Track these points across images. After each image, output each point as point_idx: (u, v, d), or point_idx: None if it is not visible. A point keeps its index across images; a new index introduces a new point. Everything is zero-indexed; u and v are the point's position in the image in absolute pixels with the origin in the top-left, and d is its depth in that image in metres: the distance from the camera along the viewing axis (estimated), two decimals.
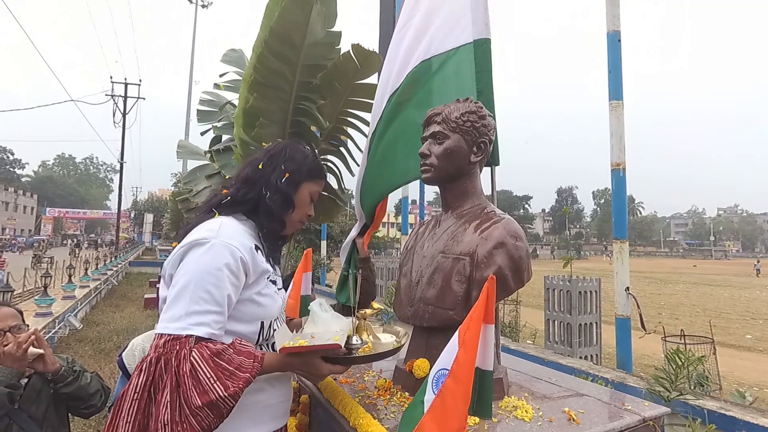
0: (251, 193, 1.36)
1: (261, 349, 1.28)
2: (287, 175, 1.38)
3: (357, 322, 1.40)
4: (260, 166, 1.39)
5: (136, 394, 1.06)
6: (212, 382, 1.06)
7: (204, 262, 1.15)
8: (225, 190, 1.39)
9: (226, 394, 1.06)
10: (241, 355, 1.12)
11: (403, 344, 1.44)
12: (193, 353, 1.07)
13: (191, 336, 1.09)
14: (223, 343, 1.13)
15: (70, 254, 21.90)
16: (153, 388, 1.07)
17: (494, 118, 1.74)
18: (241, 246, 1.21)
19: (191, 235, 1.22)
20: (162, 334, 1.10)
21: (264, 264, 1.30)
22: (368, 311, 1.47)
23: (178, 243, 1.26)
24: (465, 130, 1.60)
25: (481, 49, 2.00)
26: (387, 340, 1.43)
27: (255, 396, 1.22)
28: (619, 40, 3.50)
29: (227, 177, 1.47)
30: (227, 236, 1.20)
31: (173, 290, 1.14)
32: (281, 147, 1.45)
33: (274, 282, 1.35)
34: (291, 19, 3.49)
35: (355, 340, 1.29)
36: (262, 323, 1.29)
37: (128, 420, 1.05)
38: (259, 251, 1.30)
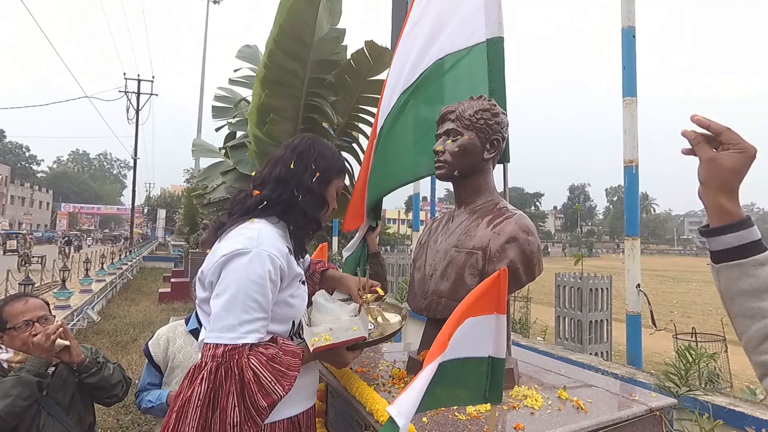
0: (285, 193, 1.38)
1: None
2: (318, 174, 1.41)
3: (365, 307, 1.49)
4: (292, 166, 1.40)
5: (200, 401, 1.13)
6: (273, 384, 1.17)
7: (248, 272, 1.20)
8: (256, 191, 1.40)
9: (283, 393, 1.19)
10: (288, 355, 1.24)
11: (404, 322, 1.56)
12: (252, 361, 1.16)
13: (246, 344, 1.17)
14: (273, 346, 1.23)
15: (60, 254, 19.25)
16: (214, 394, 1.14)
17: (506, 116, 1.78)
18: (279, 253, 1.27)
19: (231, 242, 1.26)
20: (218, 344, 1.16)
21: (297, 268, 1.37)
22: (370, 296, 1.56)
23: (210, 243, 1.33)
24: (479, 128, 1.64)
25: (493, 48, 2.02)
26: (394, 319, 1.53)
27: None
28: (634, 36, 3.48)
29: (253, 174, 1.48)
30: (267, 244, 1.25)
31: (220, 299, 1.19)
32: (309, 144, 1.46)
33: (303, 283, 1.43)
34: (300, 16, 3.55)
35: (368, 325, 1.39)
36: (293, 322, 1.37)
37: (194, 425, 1.12)
38: (291, 253, 1.36)
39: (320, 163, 1.43)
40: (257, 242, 1.24)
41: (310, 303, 1.51)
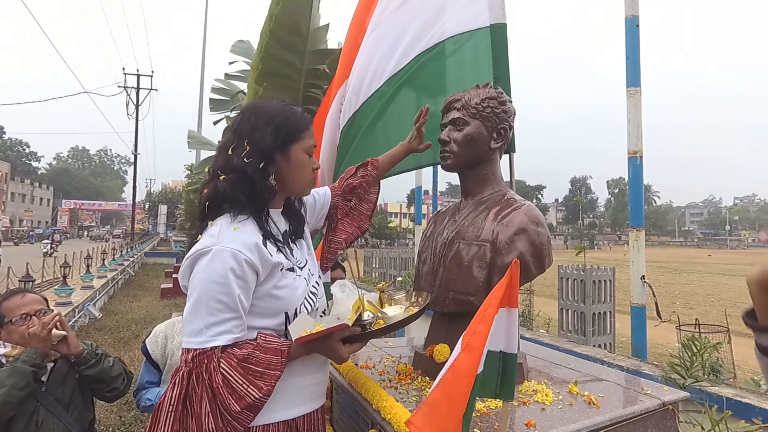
0: (232, 186, 1.23)
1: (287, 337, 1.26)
2: (257, 151, 1.25)
3: (377, 295, 1.41)
4: (230, 151, 1.25)
5: (171, 406, 1.12)
6: (245, 387, 1.11)
7: (209, 272, 1.14)
8: (205, 190, 1.28)
9: (260, 395, 1.12)
10: (268, 353, 1.15)
11: (424, 307, 1.38)
12: (222, 364, 1.11)
13: (216, 347, 1.13)
14: (249, 343, 1.16)
15: None
16: (188, 400, 1.12)
17: (513, 104, 1.73)
18: (244, 247, 1.17)
19: (197, 244, 1.20)
20: (189, 349, 1.13)
21: (275, 257, 1.24)
22: (384, 284, 1.47)
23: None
24: (485, 116, 1.60)
25: (497, 35, 1.98)
26: (393, 312, 1.38)
27: (290, 379, 1.23)
28: (638, 25, 3.42)
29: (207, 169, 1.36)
30: (228, 240, 1.17)
31: (189, 303, 1.16)
32: (246, 117, 1.29)
33: (291, 270, 1.29)
34: (295, 6, 3.51)
35: (366, 315, 1.27)
36: (286, 314, 1.26)
37: (165, 430, 1.10)
38: (268, 242, 1.25)
39: (257, 142, 1.25)
40: (218, 239, 1.18)
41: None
